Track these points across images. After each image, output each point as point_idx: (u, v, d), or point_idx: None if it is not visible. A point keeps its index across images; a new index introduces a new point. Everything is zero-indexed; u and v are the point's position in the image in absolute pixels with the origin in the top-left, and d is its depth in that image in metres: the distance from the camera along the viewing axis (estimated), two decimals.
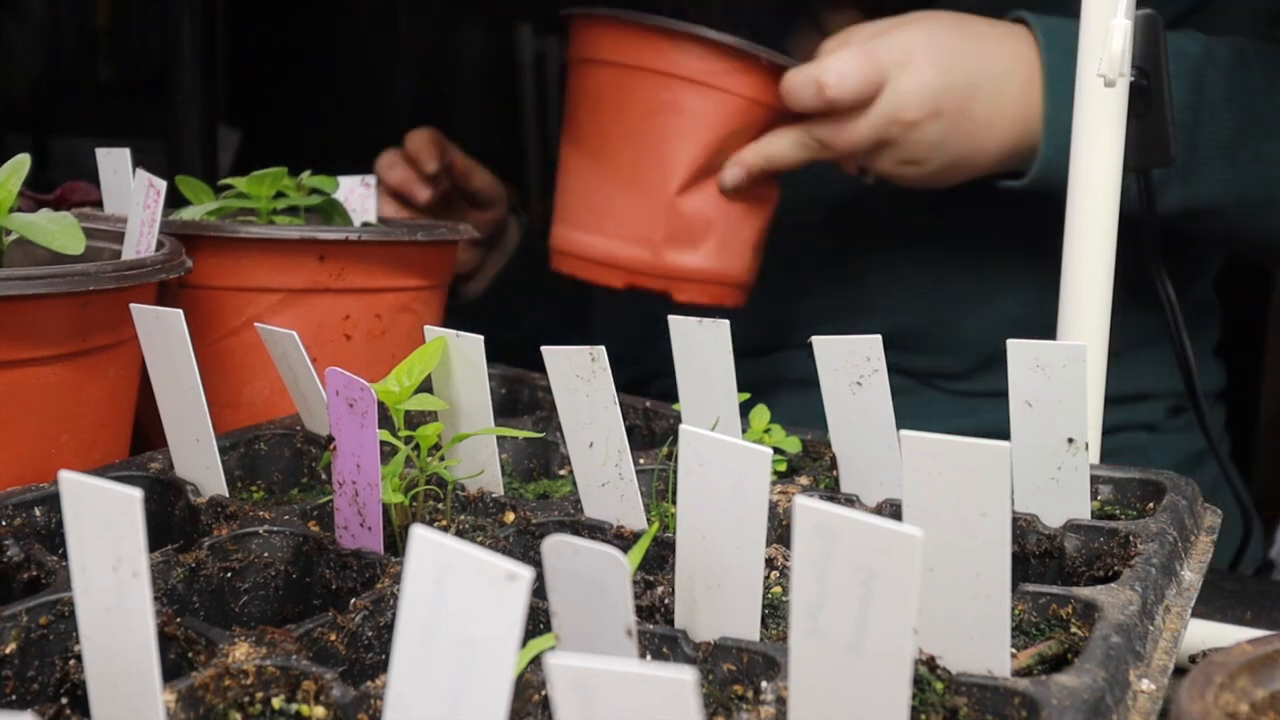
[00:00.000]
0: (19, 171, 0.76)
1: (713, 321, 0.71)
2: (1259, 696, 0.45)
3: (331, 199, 0.95)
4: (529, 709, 0.47)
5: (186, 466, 0.68)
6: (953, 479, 0.47)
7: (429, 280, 0.92)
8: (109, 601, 0.43)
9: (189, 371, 0.64)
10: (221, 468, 0.66)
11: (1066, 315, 0.78)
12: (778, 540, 0.64)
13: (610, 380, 0.63)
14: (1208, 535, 0.67)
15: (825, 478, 0.73)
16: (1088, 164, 0.76)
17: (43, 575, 0.57)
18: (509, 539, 0.64)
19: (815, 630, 0.41)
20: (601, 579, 0.41)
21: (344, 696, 0.46)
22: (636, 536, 0.63)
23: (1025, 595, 0.56)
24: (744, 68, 0.96)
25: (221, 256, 0.84)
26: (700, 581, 0.53)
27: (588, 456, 0.64)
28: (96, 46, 3.19)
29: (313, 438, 0.75)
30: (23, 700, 0.51)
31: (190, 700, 0.46)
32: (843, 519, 0.40)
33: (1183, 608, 0.58)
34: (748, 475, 0.50)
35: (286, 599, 0.61)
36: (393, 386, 0.64)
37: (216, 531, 0.62)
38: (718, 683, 0.51)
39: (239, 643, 0.49)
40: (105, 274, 0.67)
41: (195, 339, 0.65)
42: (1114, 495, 0.70)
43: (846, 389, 0.69)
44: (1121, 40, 0.72)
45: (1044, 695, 0.45)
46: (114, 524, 0.42)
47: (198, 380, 0.64)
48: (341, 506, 0.61)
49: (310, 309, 0.86)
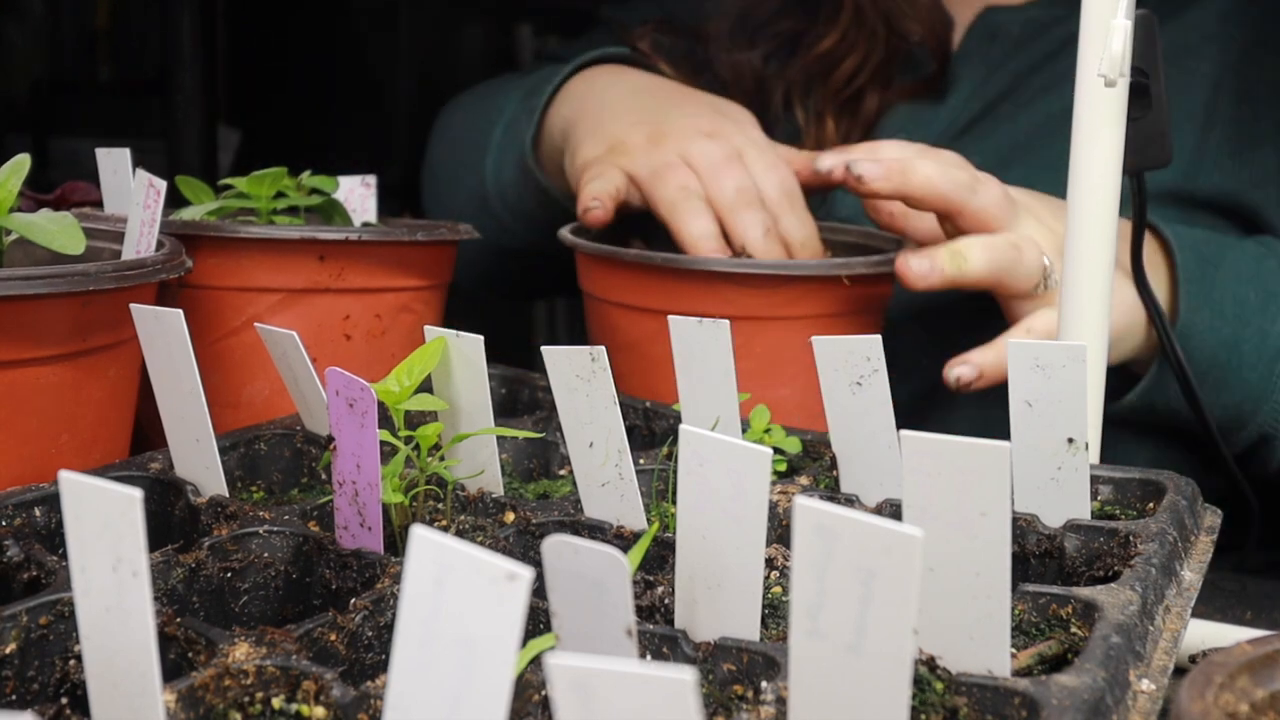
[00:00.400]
0: (19, 171, 0.76)
1: (712, 322, 0.71)
2: (1259, 696, 0.45)
3: (331, 199, 0.95)
4: (529, 709, 0.47)
5: (186, 466, 0.68)
6: (953, 479, 0.47)
7: (429, 280, 0.92)
8: (109, 601, 0.43)
9: (189, 371, 0.64)
10: (221, 468, 0.66)
11: (1067, 315, 0.78)
12: (778, 540, 0.64)
13: (610, 380, 0.63)
14: (1208, 535, 0.67)
15: (825, 478, 0.73)
16: (1088, 164, 0.76)
17: (43, 575, 0.57)
18: (509, 539, 0.64)
19: (815, 630, 0.41)
20: (601, 579, 0.41)
21: (344, 696, 0.46)
22: (636, 536, 0.63)
23: (1025, 595, 0.56)
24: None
25: (221, 256, 0.84)
26: (700, 581, 0.53)
27: (588, 456, 0.64)
28: (96, 46, 3.19)
29: (313, 438, 0.75)
30: (23, 700, 0.51)
31: (190, 700, 0.46)
32: (843, 519, 0.40)
33: (1183, 608, 0.58)
34: (748, 475, 0.50)
35: (286, 599, 0.61)
36: (393, 386, 0.64)
37: (216, 531, 0.62)
38: (718, 683, 0.51)
39: (239, 643, 0.49)
40: (105, 274, 0.67)
41: (195, 339, 0.65)
42: (1114, 495, 0.70)
43: (846, 389, 0.69)
44: (1122, 40, 0.72)
45: (1044, 695, 0.45)
46: (114, 524, 0.42)
47: (198, 380, 0.64)
48: (341, 506, 0.61)
49: (310, 309, 0.86)
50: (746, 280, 0.88)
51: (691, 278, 0.89)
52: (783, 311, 0.90)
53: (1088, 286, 0.77)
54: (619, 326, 0.95)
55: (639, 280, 0.92)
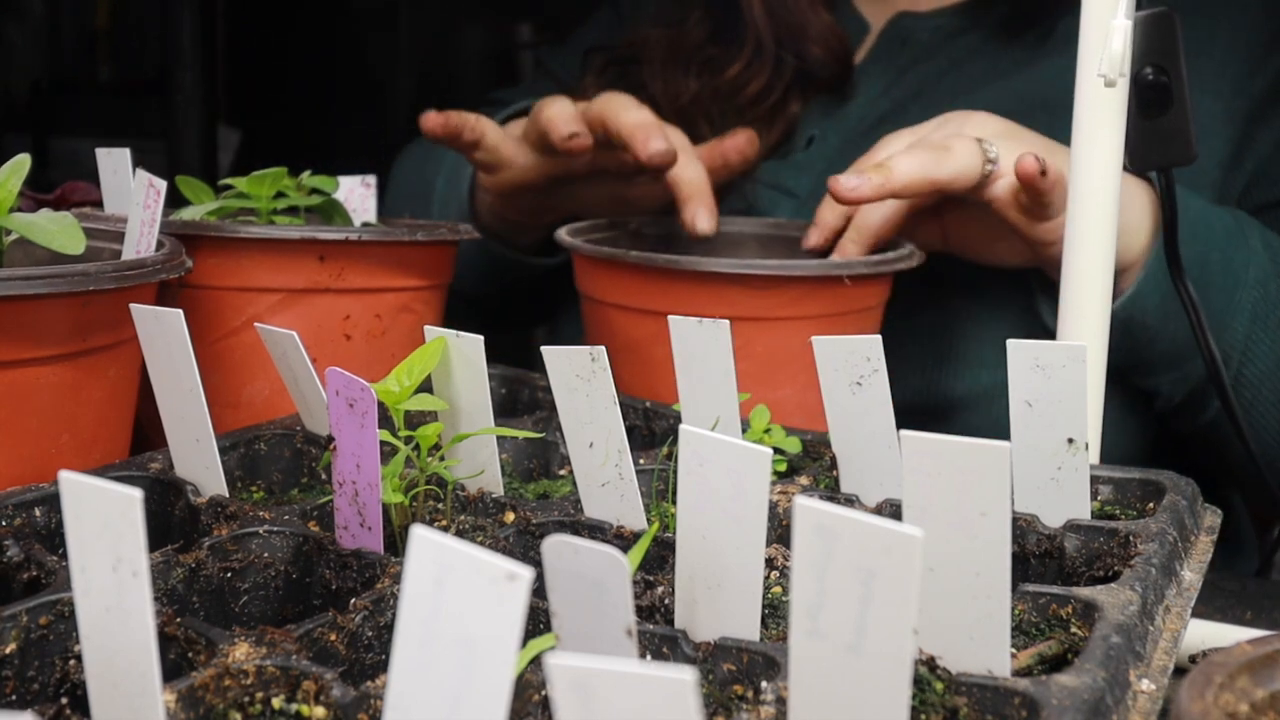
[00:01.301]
0: (19, 171, 0.76)
1: (712, 322, 0.71)
2: (1259, 696, 0.45)
3: (331, 199, 0.95)
4: (529, 709, 0.47)
5: (187, 466, 0.68)
6: (953, 479, 0.47)
7: (429, 280, 0.92)
8: (109, 601, 0.43)
9: (189, 371, 0.64)
10: (221, 467, 0.66)
11: (1066, 315, 0.78)
12: (778, 540, 0.64)
13: (610, 380, 0.63)
14: (1208, 535, 0.67)
15: (825, 478, 0.73)
16: (1088, 164, 0.76)
17: (43, 575, 0.57)
18: (509, 539, 0.64)
19: (815, 630, 0.41)
20: (601, 579, 0.41)
21: (344, 696, 0.46)
22: (636, 536, 0.64)
23: (1025, 595, 0.56)
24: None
25: (221, 256, 0.84)
26: (700, 581, 0.53)
27: (588, 456, 0.64)
28: (96, 46, 3.20)
29: (313, 438, 0.75)
30: (23, 700, 0.51)
31: (190, 700, 0.46)
32: (843, 519, 0.40)
33: (1183, 608, 0.58)
34: (748, 475, 0.50)
35: (286, 599, 0.61)
36: (393, 386, 0.65)
37: (216, 531, 0.62)
38: (718, 683, 0.51)
39: (239, 643, 0.49)
40: (105, 274, 0.67)
41: (195, 339, 0.65)
42: (1114, 495, 0.70)
43: (846, 389, 0.69)
44: (1122, 40, 0.72)
45: (1044, 695, 0.45)
46: (114, 524, 0.42)
47: (198, 380, 0.64)
48: (341, 506, 0.61)
49: (310, 309, 0.86)
50: (746, 281, 0.88)
51: (691, 279, 0.89)
52: (783, 312, 0.90)
53: (1088, 286, 0.77)
54: (618, 328, 0.95)
55: (638, 282, 0.92)
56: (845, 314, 0.92)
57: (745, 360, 0.85)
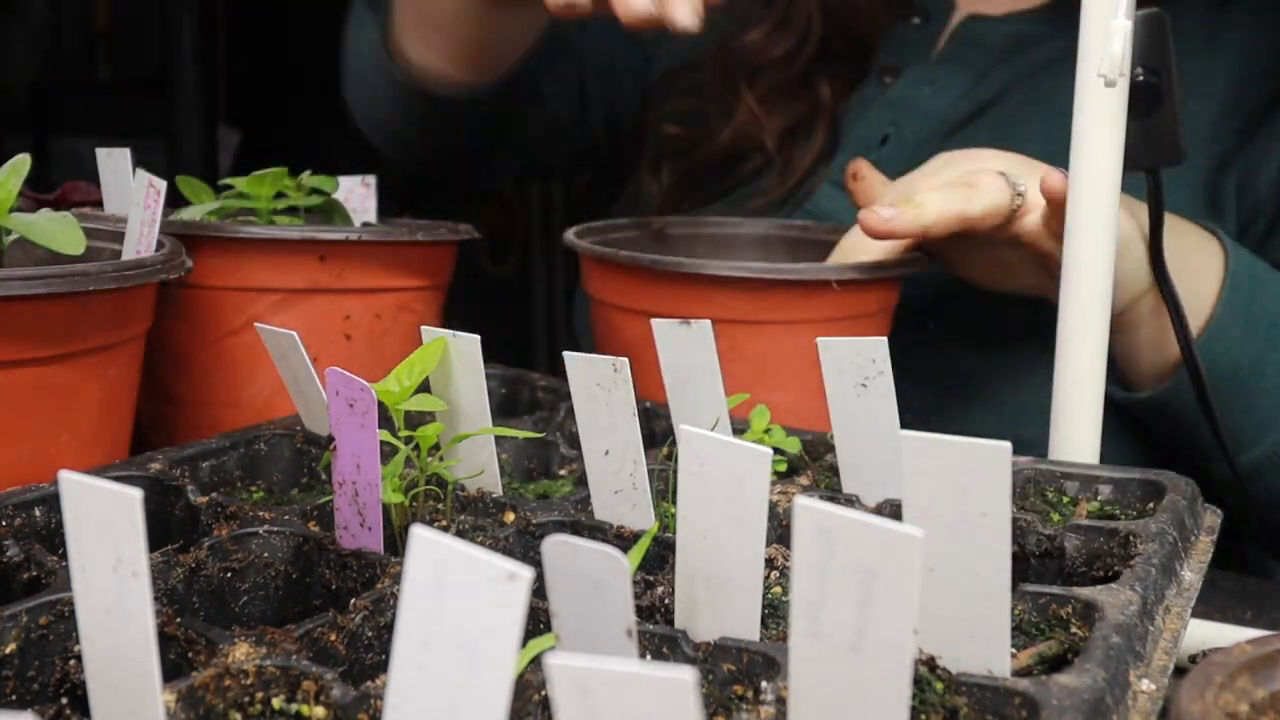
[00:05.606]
0: (19, 171, 0.76)
1: (695, 322, 0.71)
2: (1259, 696, 0.45)
3: (331, 199, 0.95)
4: (529, 709, 0.47)
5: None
6: (953, 479, 0.47)
7: (429, 280, 0.93)
8: (109, 601, 0.43)
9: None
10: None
11: (1066, 316, 0.78)
12: (778, 540, 0.64)
13: (631, 390, 0.63)
14: (1208, 535, 0.67)
15: (825, 478, 0.73)
16: (1088, 164, 0.76)
17: (43, 575, 0.57)
18: (509, 539, 0.64)
19: (815, 630, 0.41)
20: (601, 579, 0.41)
21: (344, 696, 0.46)
22: (637, 537, 0.63)
23: (1025, 595, 0.56)
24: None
25: (221, 256, 0.84)
26: (700, 581, 0.53)
27: (603, 464, 0.64)
28: (96, 46, 3.19)
29: (313, 438, 0.75)
30: (23, 700, 0.51)
31: (190, 700, 0.46)
32: (843, 519, 0.40)
33: (1183, 608, 0.58)
34: (748, 475, 0.50)
35: (286, 599, 0.61)
36: (393, 387, 0.64)
37: (216, 532, 0.62)
38: (718, 683, 0.51)
39: (239, 643, 0.49)
40: (105, 274, 0.67)
41: (195, 339, 0.65)
42: (1114, 495, 0.70)
43: (851, 390, 0.69)
44: (1122, 41, 0.72)
45: (1044, 695, 0.45)
46: (114, 524, 0.42)
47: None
48: (341, 506, 0.61)
49: (310, 309, 0.86)
50: (735, 284, 0.88)
51: (681, 280, 0.89)
52: (772, 315, 0.90)
53: (1088, 287, 0.77)
54: (616, 327, 0.95)
55: (630, 282, 0.92)
56: (842, 320, 0.92)
57: (736, 363, 0.85)
